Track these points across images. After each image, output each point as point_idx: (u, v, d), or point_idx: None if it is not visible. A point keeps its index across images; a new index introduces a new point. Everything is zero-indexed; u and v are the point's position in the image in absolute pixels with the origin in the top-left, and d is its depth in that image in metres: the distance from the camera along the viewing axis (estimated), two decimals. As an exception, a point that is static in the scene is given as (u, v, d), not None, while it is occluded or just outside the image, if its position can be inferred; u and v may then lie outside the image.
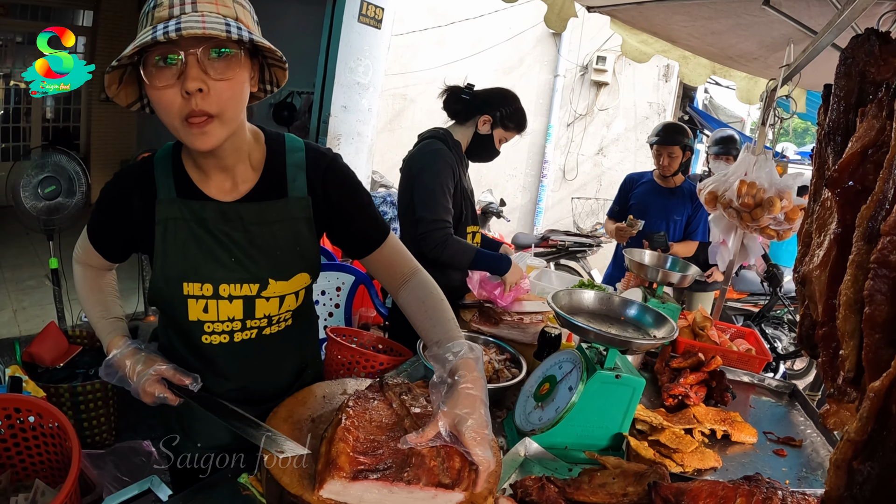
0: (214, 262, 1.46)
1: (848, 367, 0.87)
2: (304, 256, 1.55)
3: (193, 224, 1.44)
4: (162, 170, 1.45)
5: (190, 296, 1.46)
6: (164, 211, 1.43)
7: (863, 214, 0.89)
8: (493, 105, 2.87)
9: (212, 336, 1.53)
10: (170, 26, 1.13)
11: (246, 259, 1.47)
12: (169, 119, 1.26)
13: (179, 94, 1.22)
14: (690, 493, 1.34)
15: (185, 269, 1.44)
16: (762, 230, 2.99)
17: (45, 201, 4.05)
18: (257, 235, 1.48)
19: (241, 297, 1.49)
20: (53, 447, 1.42)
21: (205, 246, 1.45)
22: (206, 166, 1.43)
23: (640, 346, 1.70)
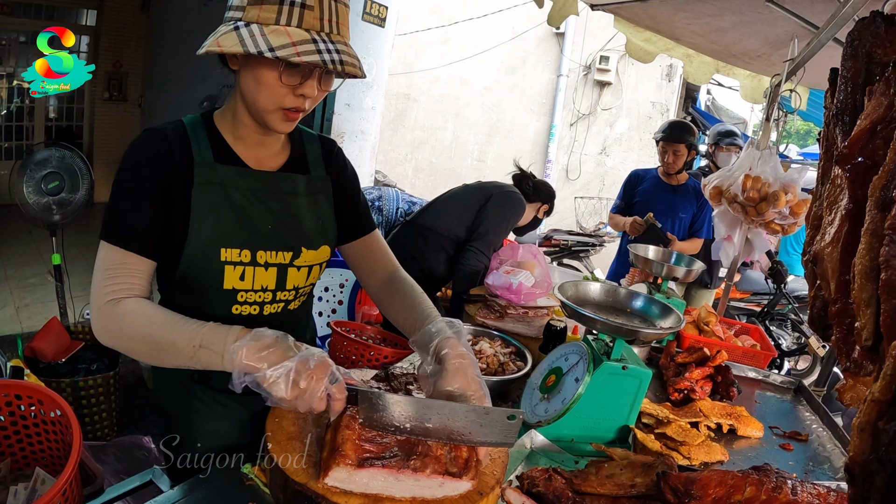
0: (252, 228, 1.47)
1: (865, 337, 0.86)
2: (325, 229, 1.63)
3: (232, 189, 1.45)
4: (196, 134, 1.45)
5: (228, 262, 1.44)
6: (203, 174, 1.42)
7: (875, 184, 0.88)
8: (551, 198, 3.66)
9: (243, 306, 1.52)
10: (333, 56, 1.26)
11: (281, 227, 1.51)
12: (264, 103, 1.35)
13: (292, 91, 1.33)
14: (700, 483, 1.32)
15: (224, 235, 1.43)
16: (767, 224, 2.98)
17: (49, 197, 4.04)
18: (291, 205, 1.54)
19: (276, 264, 1.51)
20: (54, 435, 1.41)
21: (243, 212, 1.46)
22: (249, 137, 1.48)
23: (648, 335, 1.69)
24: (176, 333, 1.26)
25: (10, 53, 8.42)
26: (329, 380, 1.17)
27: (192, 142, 1.43)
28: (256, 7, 1.25)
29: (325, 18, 1.28)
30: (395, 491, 1.17)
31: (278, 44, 1.22)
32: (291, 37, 1.24)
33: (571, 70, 9.76)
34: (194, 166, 1.41)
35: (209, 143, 1.45)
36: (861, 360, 0.92)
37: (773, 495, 1.33)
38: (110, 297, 1.32)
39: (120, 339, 1.32)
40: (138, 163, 1.39)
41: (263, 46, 1.22)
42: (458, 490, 1.20)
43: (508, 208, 3.30)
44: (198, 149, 1.43)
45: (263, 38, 1.23)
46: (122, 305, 1.32)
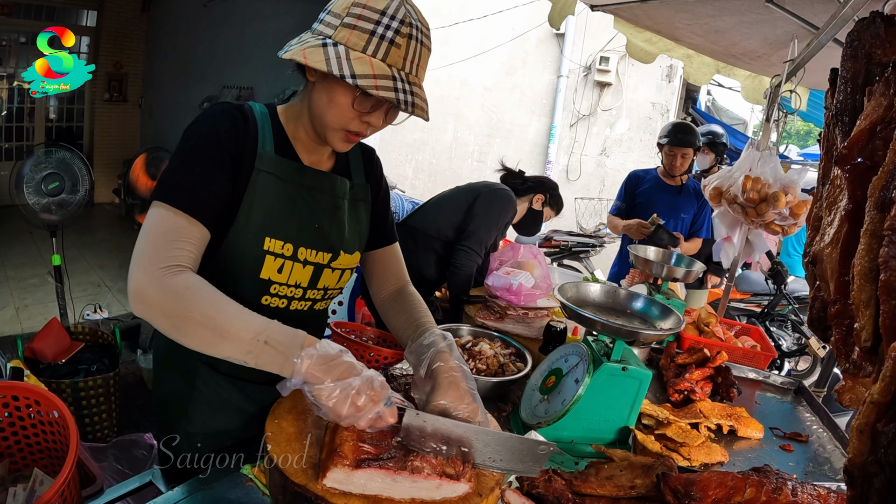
0: (300, 224, 1.49)
1: (865, 338, 0.86)
2: (361, 237, 1.68)
3: (287, 183, 1.48)
4: (263, 123, 1.48)
5: (269, 252, 1.45)
6: (264, 162, 1.44)
7: (874, 185, 0.88)
8: (547, 188, 3.50)
9: (273, 298, 1.52)
10: (408, 97, 1.31)
11: (327, 227, 1.55)
12: (332, 121, 1.39)
13: (359, 117, 1.38)
14: (700, 484, 1.32)
15: (272, 224, 1.45)
16: (767, 225, 2.98)
17: (49, 197, 4.05)
18: (338, 208, 1.59)
19: (314, 263, 1.54)
20: (53, 436, 1.40)
21: (293, 206, 1.49)
22: (307, 139, 1.53)
23: (648, 336, 1.68)
24: (242, 322, 1.19)
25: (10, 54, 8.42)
26: (385, 403, 1.17)
27: (259, 129, 1.46)
28: (348, 30, 1.29)
29: (409, 59, 1.33)
30: (394, 492, 1.16)
31: (360, 72, 1.26)
32: (374, 69, 1.27)
33: (571, 71, 9.75)
34: (257, 153, 1.44)
35: (273, 134, 1.49)
36: (860, 362, 0.92)
37: (774, 496, 1.32)
38: (168, 264, 1.21)
39: (173, 315, 1.19)
40: (217, 132, 1.39)
41: (346, 71, 1.25)
42: (456, 492, 1.19)
43: (497, 205, 3.24)
44: (262, 137, 1.46)
45: (348, 62, 1.26)
46: (182, 277, 1.21)
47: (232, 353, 1.19)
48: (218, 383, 1.60)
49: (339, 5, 1.32)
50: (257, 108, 1.50)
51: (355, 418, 1.15)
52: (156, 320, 1.20)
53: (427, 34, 1.38)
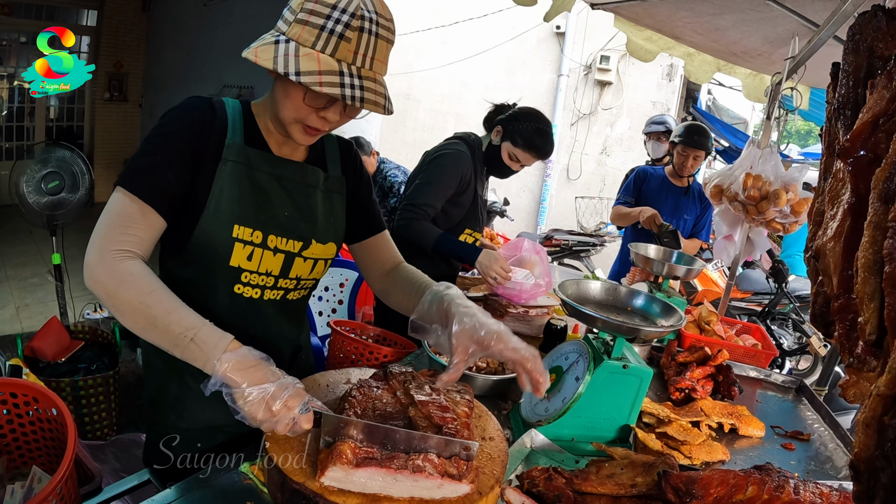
0: (269, 212, 1.51)
1: (869, 331, 0.85)
2: (335, 227, 1.69)
3: (257, 171, 1.50)
4: (234, 115, 1.51)
5: (238, 239, 1.47)
6: (232, 152, 1.46)
7: (878, 177, 0.88)
8: (510, 118, 2.86)
9: (245, 287, 1.54)
10: (355, 92, 1.30)
11: (298, 216, 1.56)
12: (287, 115, 1.42)
13: (315, 112, 1.41)
14: (701, 482, 1.31)
15: (241, 212, 1.47)
16: (768, 223, 2.97)
17: (49, 196, 4.05)
18: (310, 197, 1.60)
19: (284, 251, 1.55)
20: (51, 433, 1.40)
21: (263, 194, 1.51)
22: (274, 129, 1.55)
23: (649, 333, 1.68)
24: (175, 316, 1.23)
25: (10, 54, 8.43)
26: (300, 409, 1.18)
27: (229, 121, 1.49)
28: (300, 26, 1.30)
29: (360, 53, 1.32)
30: (393, 491, 1.16)
31: (306, 69, 1.27)
32: (320, 65, 1.28)
33: (572, 70, 9.75)
34: (225, 143, 1.46)
35: (243, 126, 1.51)
36: (864, 356, 0.91)
37: (776, 495, 1.32)
38: (118, 248, 1.28)
39: (114, 296, 1.25)
40: (182, 123, 1.43)
41: (291, 69, 1.27)
42: (458, 492, 1.18)
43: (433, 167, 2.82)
44: (232, 129, 1.48)
45: (296, 59, 1.28)
46: (129, 264, 1.27)
47: (160, 342, 1.25)
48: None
49: (297, 1, 1.33)
50: (230, 102, 1.54)
51: (271, 423, 1.17)
52: (99, 297, 1.27)
53: (386, 25, 1.36)
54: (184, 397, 1.61)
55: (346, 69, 1.31)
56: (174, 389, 1.61)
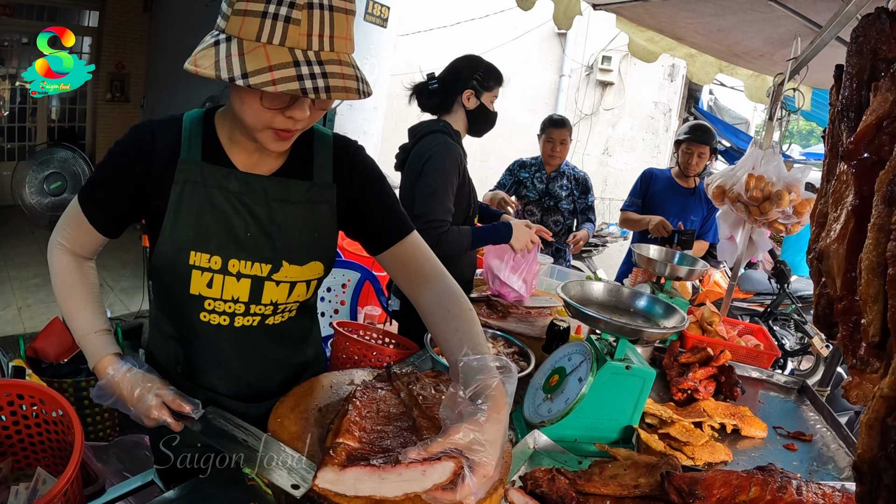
0: (228, 235, 1.39)
1: (872, 333, 0.86)
2: (321, 244, 1.50)
3: (214, 190, 1.37)
4: (190, 131, 1.39)
5: (195, 266, 1.38)
6: (185, 172, 1.36)
7: (882, 179, 0.88)
8: (466, 77, 2.75)
9: (211, 315, 1.45)
10: (317, 82, 1.10)
11: (262, 236, 1.41)
12: (251, 123, 1.25)
13: (281, 113, 1.22)
14: (704, 483, 1.32)
15: (195, 237, 1.37)
16: (770, 224, 2.97)
17: (51, 197, 4.05)
18: (278, 213, 1.43)
19: (249, 276, 1.42)
20: (56, 435, 1.40)
21: (221, 215, 1.38)
22: (242, 138, 1.39)
23: (651, 335, 1.68)
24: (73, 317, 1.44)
25: (12, 54, 8.43)
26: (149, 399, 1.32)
27: (183, 137, 1.38)
28: (239, 18, 1.11)
29: (315, 34, 1.11)
30: (386, 491, 1.12)
31: (253, 68, 1.08)
32: (269, 59, 1.09)
33: (574, 70, 9.75)
34: (178, 163, 1.36)
35: (202, 140, 1.39)
36: (868, 357, 0.91)
37: (779, 495, 1.32)
38: (60, 240, 1.48)
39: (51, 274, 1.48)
40: (116, 150, 1.41)
41: (237, 71, 1.08)
42: (444, 473, 1.11)
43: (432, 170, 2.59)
44: (188, 146, 1.37)
45: (240, 58, 1.09)
46: (62, 257, 1.48)
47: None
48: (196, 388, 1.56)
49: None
50: (188, 116, 1.42)
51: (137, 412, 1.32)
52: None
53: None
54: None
55: (302, 57, 1.10)
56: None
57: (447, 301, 1.46)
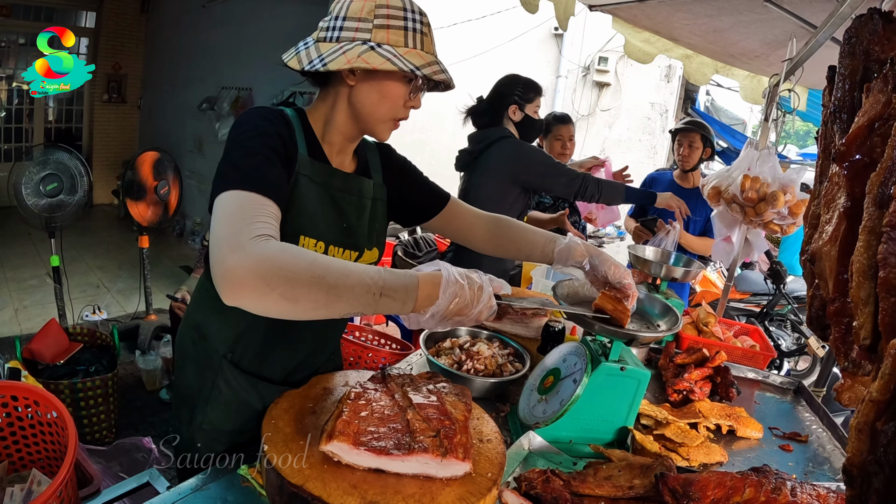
0: (329, 224, 1.57)
1: (864, 336, 0.86)
2: (380, 234, 1.76)
3: (320, 185, 1.55)
4: (297, 128, 1.54)
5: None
6: (302, 165, 1.51)
7: (873, 181, 0.88)
8: (508, 94, 3.19)
9: None
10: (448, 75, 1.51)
11: (354, 227, 1.63)
12: (385, 114, 1.54)
13: (404, 105, 1.55)
14: (698, 484, 1.32)
15: (305, 224, 1.50)
16: (766, 225, 2.97)
17: (48, 198, 4.05)
18: (362, 208, 1.67)
19: None
20: (51, 436, 1.40)
21: (326, 207, 1.56)
22: (338, 140, 1.61)
23: (645, 338, 1.68)
24: (354, 277, 1.15)
25: (9, 55, 8.42)
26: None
27: (296, 132, 1.53)
28: (384, 30, 1.41)
29: (433, 43, 1.50)
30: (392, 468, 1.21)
31: (420, 63, 1.43)
32: (424, 58, 1.45)
33: (570, 71, 9.75)
34: (297, 156, 1.50)
35: (304, 137, 1.55)
36: (860, 360, 0.92)
37: (773, 497, 1.32)
38: (258, 234, 1.14)
39: (272, 280, 1.08)
40: (267, 129, 1.41)
41: (412, 66, 1.41)
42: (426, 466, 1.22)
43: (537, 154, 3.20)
44: (298, 140, 1.52)
45: (405, 58, 1.41)
46: (273, 243, 1.13)
47: (346, 311, 1.17)
48: (239, 383, 1.63)
49: (358, 10, 1.42)
50: (292, 113, 1.56)
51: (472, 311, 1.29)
52: (257, 296, 1.09)
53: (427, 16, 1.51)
54: (213, 401, 1.62)
55: (436, 59, 1.49)
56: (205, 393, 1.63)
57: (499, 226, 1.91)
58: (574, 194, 3.10)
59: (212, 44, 8.05)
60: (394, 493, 1.16)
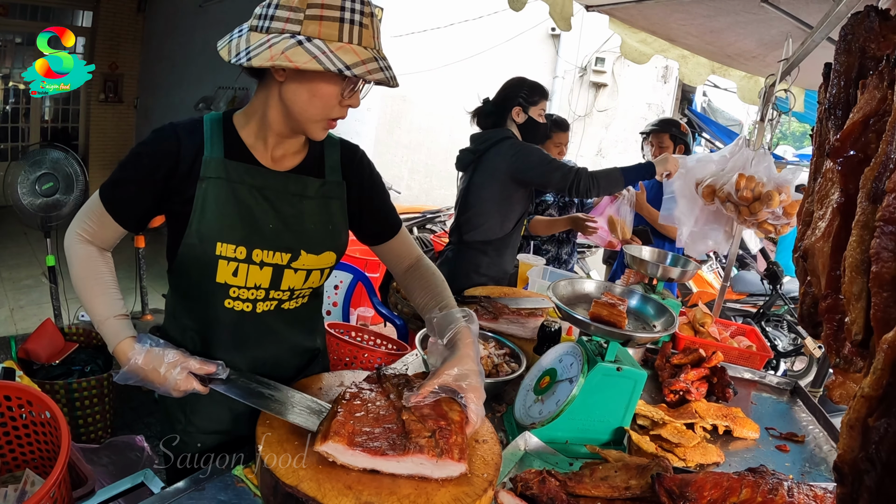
0: (252, 226, 1.50)
1: (856, 331, 0.86)
2: (333, 236, 1.64)
3: (238, 185, 1.49)
4: (212, 131, 1.50)
5: (222, 256, 1.47)
6: (210, 168, 1.46)
7: (867, 176, 0.88)
8: (512, 97, 3.18)
9: (235, 302, 1.55)
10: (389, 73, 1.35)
11: (283, 228, 1.54)
12: (315, 113, 1.43)
13: (339, 104, 1.42)
14: (695, 485, 1.32)
15: (222, 228, 1.47)
16: (760, 224, 2.97)
17: (43, 198, 4.03)
18: (297, 207, 1.56)
19: (271, 264, 1.54)
20: (45, 437, 1.40)
21: (245, 208, 1.49)
22: (271, 139, 1.52)
23: (642, 338, 1.67)
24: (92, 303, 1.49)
25: (5, 54, 8.40)
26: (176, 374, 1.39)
27: (205, 137, 1.48)
28: (316, 22, 1.29)
29: (375, 36, 1.35)
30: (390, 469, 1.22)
31: (352, 62, 1.29)
32: (359, 55, 1.31)
33: (567, 72, 9.75)
34: (202, 160, 1.46)
35: (223, 139, 1.50)
36: (851, 356, 0.91)
37: (770, 497, 1.32)
38: (82, 232, 1.52)
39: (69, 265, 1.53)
40: (142, 151, 1.48)
41: (341, 65, 1.28)
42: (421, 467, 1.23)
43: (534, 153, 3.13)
44: (210, 144, 1.48)
45: (335, 55, 1.29)
46: (83, 246, 1.52)
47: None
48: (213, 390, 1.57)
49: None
50: (209, 117, 1.53)
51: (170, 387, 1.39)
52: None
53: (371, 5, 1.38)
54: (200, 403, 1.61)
55: (375, 54, 1.34)
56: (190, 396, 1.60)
57: (425, 274, 1.76)
58: (568, 188, 3.06)
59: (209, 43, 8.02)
60: (389, 494, 1.16)
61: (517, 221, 3.24)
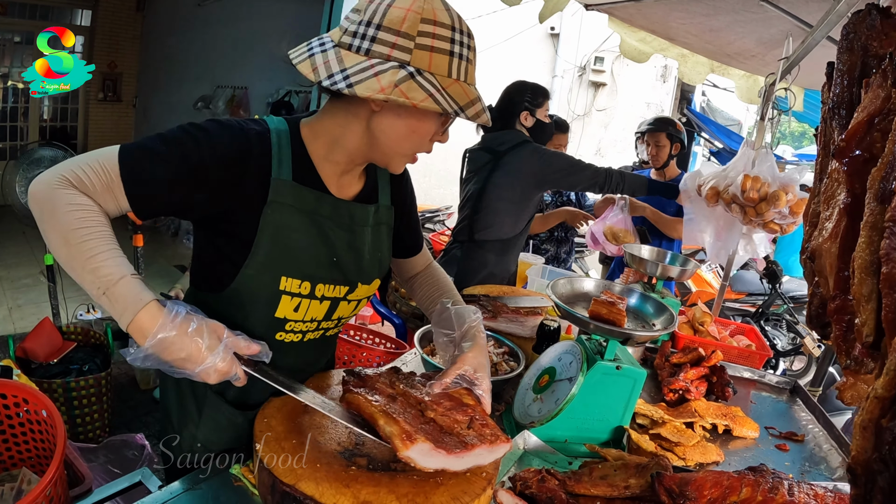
0: (317, 260, 1.40)
1: (867, 333, 0.85)
2: (382, 263, 1.59)
3: (305, 214, 1.36)
4: (280, 146, 1.34)
5: (285, 292, 1.37)
6: (279, 192, 1.32)
7: (874, 176, 0.87)
8: (518, 102, 3.24)
9: (287, 334, 1.47)
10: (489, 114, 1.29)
11: (344, 260, 1.45)
12: (407, 149, 1.35)
13: (430, 140, 1.35)
14: (695, 484, 1.31)
15: (288, 262, 1.35)
16: (766, 224, 2.96)
17: (41, 197, 4.03)
18: (357, 238, 1.48)
19: (331, 298, 1.46)
20: (41, 435, 1.39)
21: (313, 241, 1.38)
22: (341, 160, 1.40)
23: (641, 337, 1.67)
24: (96, 260, 1.11)
25: (4, 53, 8.39)
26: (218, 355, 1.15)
27: (273, 153, 1.32)
28: (426, 53, 1.18)
29: (474, 72, 1.28)
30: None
31: (464, 103, 1.22)
32: (468, 95, 1.23)
33: (566, 71, 9.75)
34: (271, 181, 1.31)
35: (291, 158, 1.35)
36: (862, 358, 0.91)
37: (770, 496, 1.31)
38: (74, 177, 1.14)
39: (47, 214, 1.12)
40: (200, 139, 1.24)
41: (456, 106, 1.20)
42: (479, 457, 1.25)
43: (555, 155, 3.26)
44: (278, 163, 1.32)
45: (447, 94, 1.19)
46: (75, 194, 1.13)
47: (78, 281, 1.13)
48: (223, 412, 1.54)
49: (398, 21, 1.17)
50: (275, 127, 1.35)
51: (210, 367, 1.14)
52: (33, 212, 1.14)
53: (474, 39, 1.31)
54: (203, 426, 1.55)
55: (479, 94, 1.27)
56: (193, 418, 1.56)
57: (435, 274, 1.81)
58: (600, 186, 3.17)
59: (207, 42, 8.02)
60: (387, 493, 1.15)
61: (528, 221, 3.30)
